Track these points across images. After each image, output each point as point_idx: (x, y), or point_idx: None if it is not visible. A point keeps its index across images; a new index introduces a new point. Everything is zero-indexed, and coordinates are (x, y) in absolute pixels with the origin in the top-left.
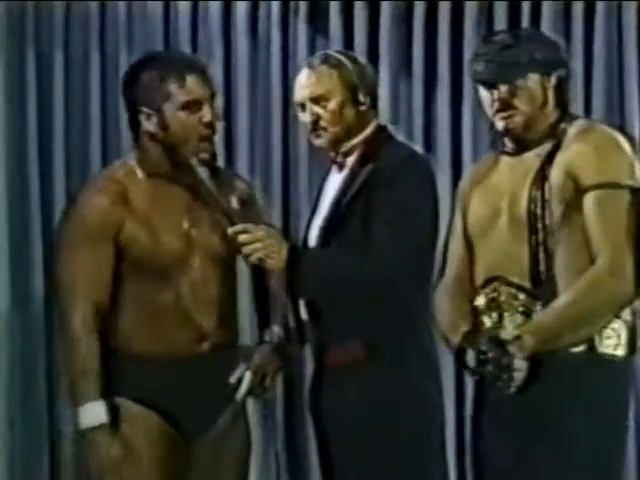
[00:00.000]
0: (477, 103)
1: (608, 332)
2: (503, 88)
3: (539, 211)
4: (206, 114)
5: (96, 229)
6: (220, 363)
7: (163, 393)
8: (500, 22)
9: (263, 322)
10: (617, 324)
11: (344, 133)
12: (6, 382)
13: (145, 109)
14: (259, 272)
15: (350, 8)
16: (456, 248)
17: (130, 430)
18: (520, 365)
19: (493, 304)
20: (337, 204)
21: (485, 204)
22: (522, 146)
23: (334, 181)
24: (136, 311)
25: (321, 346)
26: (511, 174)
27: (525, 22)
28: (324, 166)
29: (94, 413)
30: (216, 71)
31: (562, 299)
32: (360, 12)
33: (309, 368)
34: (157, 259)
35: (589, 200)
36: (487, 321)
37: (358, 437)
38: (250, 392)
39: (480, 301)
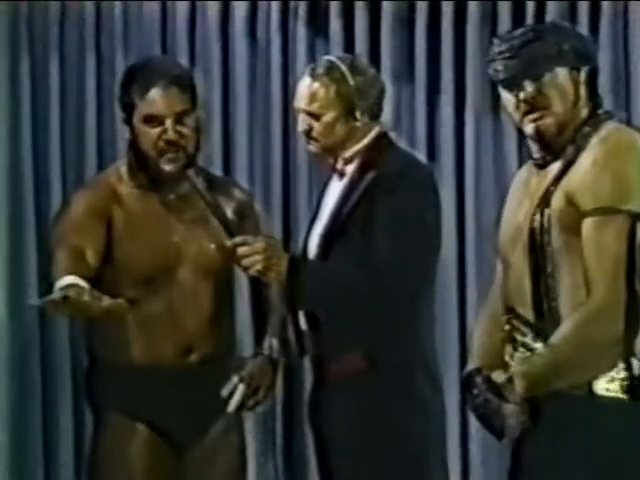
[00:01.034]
0: (481, 108)
1: (611, 373)
2: (529, 87)
3: (539, 237)
4: (168, 131)
5: (86, 215)
6: (210, 375)
7: (151, 404)
8: (504, 23)
9: (259, 334)
10: (621, 365)
11: (335, 145)
12: (4, 390)
13: (123, 115)
14: (256, 283)
15: (351, 9)
16: (499, 266)
17: (118, 442)
18: (510, 411)
19: (509, 337)
20: (337, 213)
21: (510, 222)
22: (550, 154)
23: (334, 189)
24: (124, 321)
25: (321, 357)
26: (535, 190)
27: (529, 23)
28: (325, 173)
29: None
30: (214, 75)
31: (553, 339)
32: (361, 14)
33: (308, 380)
34: (143, 268)
35: (585, 227)
36: (506, 355)
37: (358, 450)
38: (242, 405)
39: (503, 332)
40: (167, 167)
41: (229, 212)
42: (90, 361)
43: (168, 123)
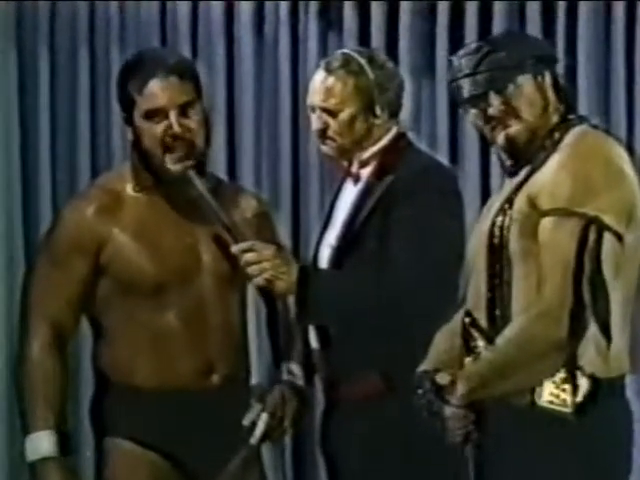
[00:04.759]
0: None
1: (555, 383)
2: (495, 101)
3: (498, 239)
4: (173, 125)
5: (73, 242)
6: (231, 399)
7: (166, 431)
8: (533, 20)
9: (278, 358)
10: (562, 374)
11: (353, 145)
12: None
13: (124, 115)
14: (273, 301)
15: (366, 3)
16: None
17: (128, 474)
18: (452, 413)
19: (462, 342)
20: (351, 220)
21: (480, 227)
22: (521, 162)
23: (348, 194)
24: (133, 337)
25: (333, 378)
26: (503, 195)
27: (560, 23)
28: (338, 177)
29: (40, 444)
30: (218, 73)
31: (497, 341)
32: (377, 7)
33: (320, 403)
34: (155, 278)
35: (541, 227)
36: (458, 360)
37: (373, 477)
38: (266, 436)
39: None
40: (174, 167)
41: (236, 218)
42: (97, 383)
43: (172, 116)
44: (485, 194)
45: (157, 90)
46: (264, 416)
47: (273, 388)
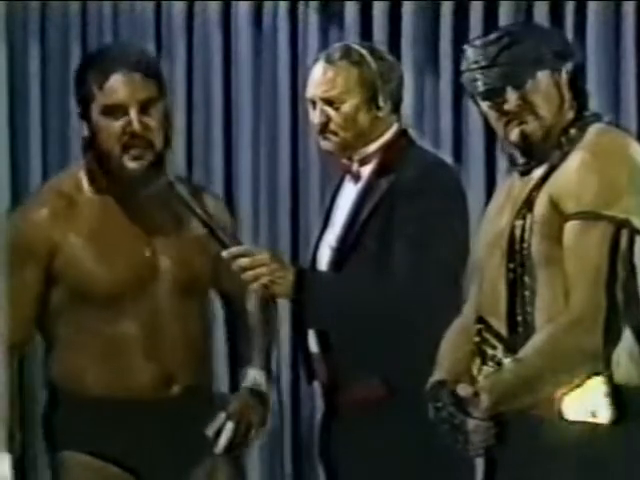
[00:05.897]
0: None
1: (585, 393)
2: (513, 96)
3: (518, 244)
4: (133, 122)
5: (25, 249)
6: (193, 409)
7: (125, 444)
8: (540, 15)
9: (239, 364)
10: (595, 384)
11: (356, 140)
12: None
13: (78, 110)
14: (232, 305)
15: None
16: (473, 275)
17: None
18: (475, 426)
19: (478, 349)
20: (352, 221)
21: (490, 228)
22: (534, 160)
23: (348, 194)
24: (88, 347)
25: (333, 384)
26: (518, 195)
27: (568, 22)
28: (338, 176)
29: None
30: (214, 69)
31: (524, 351)
32: (379, 4)
33: (319, 409)
34: (109, 286)
35: (566, 231)
36: (474, 368)
37: None
38: (232, 445)
39: (473, 344)
40: (132, 164)
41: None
42: (50, 394)
43: (132, 113)
44: (490, 192)
45: (118, 85)
46: (229, 425)
47: (236, 395)
